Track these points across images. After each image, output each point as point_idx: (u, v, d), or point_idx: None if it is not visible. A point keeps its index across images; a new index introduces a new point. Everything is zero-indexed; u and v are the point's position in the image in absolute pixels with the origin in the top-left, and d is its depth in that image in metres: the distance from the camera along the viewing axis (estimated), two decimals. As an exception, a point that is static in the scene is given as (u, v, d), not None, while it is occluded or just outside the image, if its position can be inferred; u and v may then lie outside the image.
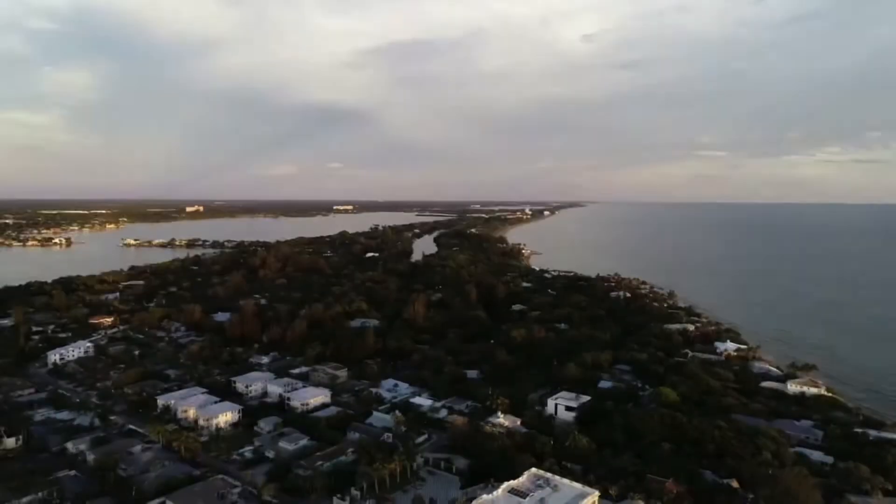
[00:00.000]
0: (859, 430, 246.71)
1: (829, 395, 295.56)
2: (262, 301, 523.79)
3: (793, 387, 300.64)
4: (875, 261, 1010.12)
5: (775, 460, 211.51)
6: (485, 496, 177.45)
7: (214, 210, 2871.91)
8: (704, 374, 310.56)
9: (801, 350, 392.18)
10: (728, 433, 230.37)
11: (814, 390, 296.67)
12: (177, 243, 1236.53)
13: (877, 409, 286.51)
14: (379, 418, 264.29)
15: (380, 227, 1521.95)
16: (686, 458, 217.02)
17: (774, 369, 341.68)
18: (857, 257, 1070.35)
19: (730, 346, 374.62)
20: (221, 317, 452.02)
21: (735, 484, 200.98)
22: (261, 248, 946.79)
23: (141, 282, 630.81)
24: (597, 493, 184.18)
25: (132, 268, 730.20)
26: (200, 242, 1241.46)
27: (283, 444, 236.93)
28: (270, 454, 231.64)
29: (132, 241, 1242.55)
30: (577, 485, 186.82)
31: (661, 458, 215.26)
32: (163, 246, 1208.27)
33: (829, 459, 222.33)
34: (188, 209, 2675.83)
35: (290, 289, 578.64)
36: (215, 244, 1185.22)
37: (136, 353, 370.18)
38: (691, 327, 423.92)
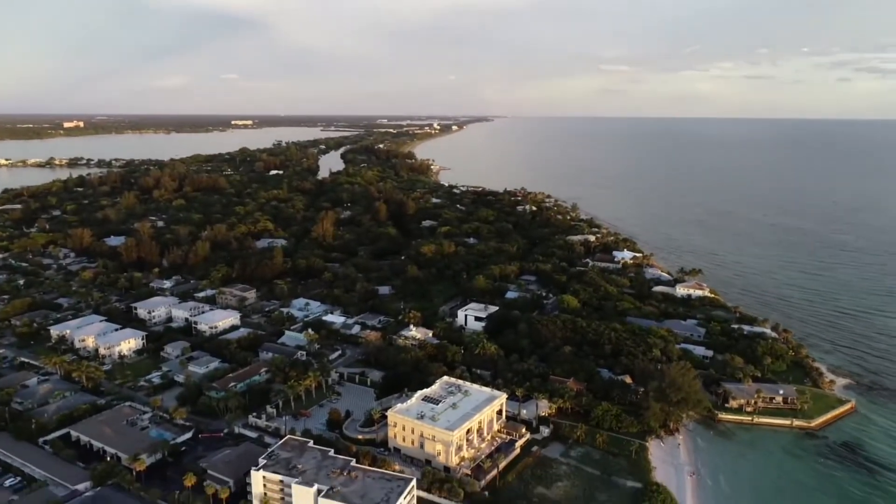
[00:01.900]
0: (736, 327, 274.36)
1: (712, 296, 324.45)
2: (159, 223, 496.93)
3: (681, 290, 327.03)
4: (760, 172, 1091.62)
5: (664, 356, 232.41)
6: (400, 405, 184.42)
7: (97, 126, 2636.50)
8: (603, 281, 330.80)
9: (690, 256, 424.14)
10: (623, 334, 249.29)
11: (699, 293, 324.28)
12: (56, 163, 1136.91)
13: (752, 306, 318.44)
14: (291, 337, 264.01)
15: (283, 143, 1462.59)
16: (585, 359, 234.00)
17: (665, 275, 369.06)
18: (745, 169, 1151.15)
19: (626, 255, 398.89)
20: (114, 241, 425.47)
21: (628, 379, 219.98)
22: (153, 167, 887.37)
23: (18, 206, 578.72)
24: (504, 395, 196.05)
25: (6, 191, 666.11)
26: (84, 161, 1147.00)
27: (193, 368, 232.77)
28: (180, 378, 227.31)
29: (3, 161, 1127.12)
30: (487, 389, 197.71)
31: (563, 359, 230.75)
32: (40, 166, 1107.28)
33: (710, 353, 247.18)
34: (66, 125, 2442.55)
35: (188, 210, 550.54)
36: (101, 163, 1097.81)
37: (21, 282, 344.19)
38: (592, 238, 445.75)
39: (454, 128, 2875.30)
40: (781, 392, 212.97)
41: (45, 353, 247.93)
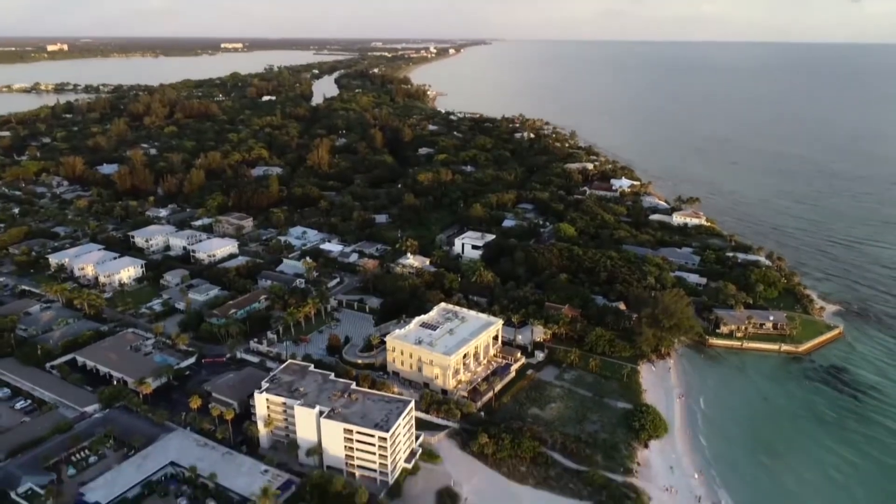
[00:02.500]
0: (730, 255, 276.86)
1: (708, 224, 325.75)
2: (152, 151, 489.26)
3: (678, 218, 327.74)
4: (764, 99, 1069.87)
5: (658, 284, 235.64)
6: (398, 331, 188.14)
7: (82, 49, 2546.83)
8: (600, 209, 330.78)
9: (688, 185, 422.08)
10: (618, 262, 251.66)
11: (695, 221, 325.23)
12: (42, 88, 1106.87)
13: (747, 235, 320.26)
14: (289, 265, 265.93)
15: (275, 68, 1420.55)
16: (580, 286, 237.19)
17: (663, 203, 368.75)
18: (748, 96, 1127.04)
19: (624, 183, 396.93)
20: (107, 169, 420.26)
21: (622, 306, 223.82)
22: (143, 93, 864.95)
23: (6, 133, 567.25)
24: (500, 321, 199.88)
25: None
26: (70, 87, 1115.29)
27: (193, 296, 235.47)
28: (180, 306, 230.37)
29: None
30: (483, 315, 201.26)
31: (559, 287, 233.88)
32: (25, 91, 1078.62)
33: (703, 281, 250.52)
34: (50, 48, 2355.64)
35: (180, 137, 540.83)
36: (88, 88, 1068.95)
37: (16, 210, 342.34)
38: (590, 166, 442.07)
39: (451, 51, 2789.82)
40: (772, 318, 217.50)
41: (46, 281, 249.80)
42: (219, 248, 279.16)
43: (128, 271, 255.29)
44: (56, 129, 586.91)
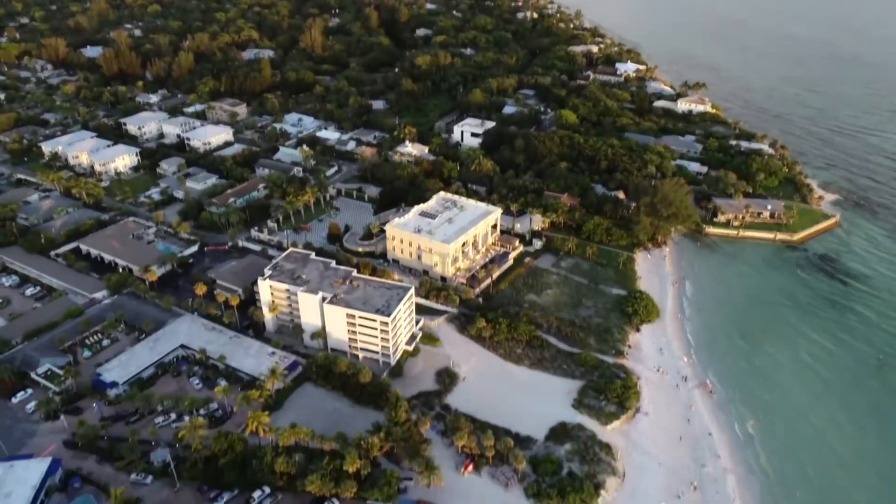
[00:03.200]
0: (733, 143, 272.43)
1: (714, 111, 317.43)
2: (136, 32, 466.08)
3: (682, 105, 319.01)
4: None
5: (658, 173, 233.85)
6: (397, 219, 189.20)
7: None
8: (603, 95, 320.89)
9: (695, 70, 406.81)
10: (619, 151, 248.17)
11: (700, 108, 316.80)
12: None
13: (752, 122, 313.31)
14: (286, 153, 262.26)
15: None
16: (580, 175, 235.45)
17: (668, 89, 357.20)
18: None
19: (629, 67, 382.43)
20: (91, 52, 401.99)
21: (622, 195, 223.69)
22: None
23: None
24: (499, 210, 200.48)
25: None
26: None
27: (191, 184, 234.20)
28: (179, 194, 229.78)
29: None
30: (482, 204, 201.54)
31: (558, 175, 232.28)
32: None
33: (704, 169, 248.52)
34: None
35: (165, 17, 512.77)
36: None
37: (1, 96, 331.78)
38: (595, 49, 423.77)
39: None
40: (769, 207, 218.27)
41: (41, 169, 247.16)
42: (214, 136, 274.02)
43: (123, 159, 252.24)
44: (33, 8, 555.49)
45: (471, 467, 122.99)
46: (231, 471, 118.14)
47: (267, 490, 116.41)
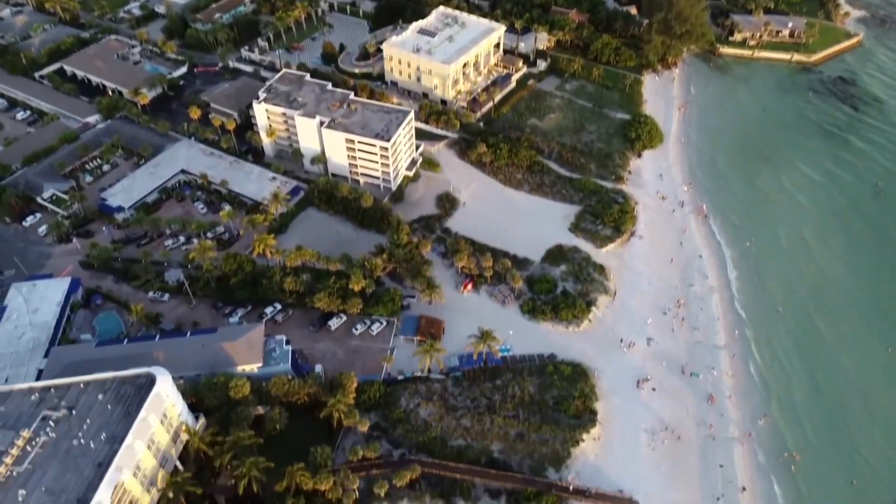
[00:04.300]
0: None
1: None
2: None
3: None
4: None
5: None
6: (395, 37, 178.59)
7: None
8: None
9: None
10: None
11: None
12: None
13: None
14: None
15: None
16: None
17: None
18: None
19: None
20: None
21: (633, 10, 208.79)
22: None
23: None
24: (503, 27, 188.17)
25: None
26: None
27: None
28: (160, 9, 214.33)
29: None
30: (484, 20, 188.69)
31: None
32: None
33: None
34: None
35: None
36: None
37: None
38: None
39: None
40: (790, 25, 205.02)
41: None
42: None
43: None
44: None
45: (470, 286, 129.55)
46: (242, 289, 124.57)
47: (278, 306, 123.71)
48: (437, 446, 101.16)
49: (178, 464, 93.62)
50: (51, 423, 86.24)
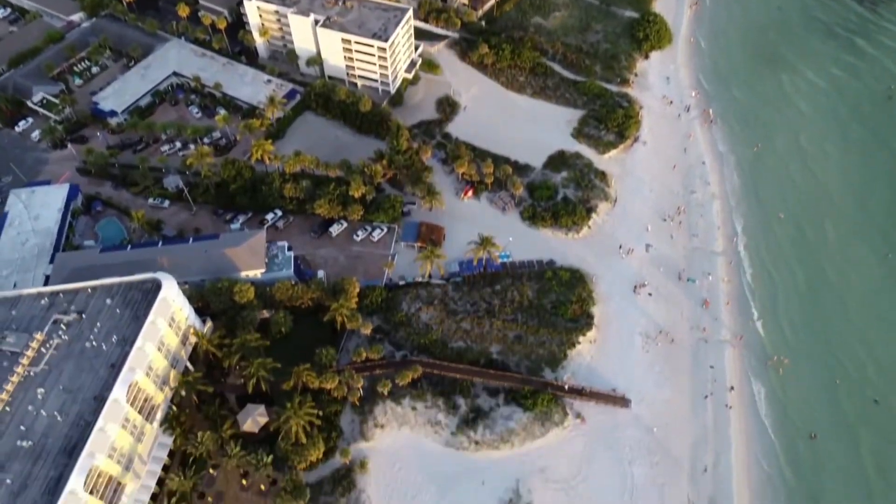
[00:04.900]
0: None
1: None
2: None
3: None
4: None
5: None
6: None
7: None
8: None
9: None
10: None
11: None
12: None
13: None
14: None
15: None
16: None
17: None
18: None
19: None
20: None
21: None
22: None
23: None
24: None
25: None
26: None
27: None
28: None
29: None
30: None
31: None
32: None
33: None
34: None
35: None
36: None
37: None
38: None
39: None
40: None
41: None
42: None
43: None
44: None
45: (470, 192, 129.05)
46: (242, 195, 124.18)
47: (279, 213, 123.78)
48: (437, 348, 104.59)
49: (188, 365, 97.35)
50: (62, 326, 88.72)
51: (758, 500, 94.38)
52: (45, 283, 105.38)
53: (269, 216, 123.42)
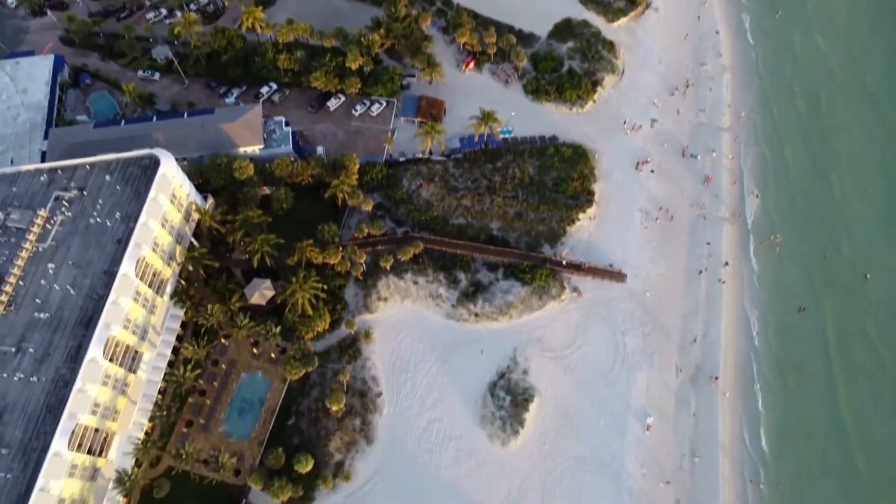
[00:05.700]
0: None
1: None
2: None
3: None
4: None
5: None
6: None
7: None
8: None
9: None
10: None
11: None
12: None
13: None
14: None
15: None
16: None
17: None
18: None
19: None
20: None
21: None
22: None
23: None
24: None
25: None
26: None
27: None
28: None
29: None
30: None
31: None
32: None
33: None
34: None
35: None
36: None
37: None
38: None
39: None
40: None
41: None
42: None
43: None
44: None
45: (472, 64, 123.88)
46: (235, 67, 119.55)
47: (274, 86, 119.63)
48: (438, 224, 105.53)
49: (193, 240, 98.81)
50: (65, 202, 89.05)
51: (743, 367, 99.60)
52: (43, 160, 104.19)
53: (265, 89, 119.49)
